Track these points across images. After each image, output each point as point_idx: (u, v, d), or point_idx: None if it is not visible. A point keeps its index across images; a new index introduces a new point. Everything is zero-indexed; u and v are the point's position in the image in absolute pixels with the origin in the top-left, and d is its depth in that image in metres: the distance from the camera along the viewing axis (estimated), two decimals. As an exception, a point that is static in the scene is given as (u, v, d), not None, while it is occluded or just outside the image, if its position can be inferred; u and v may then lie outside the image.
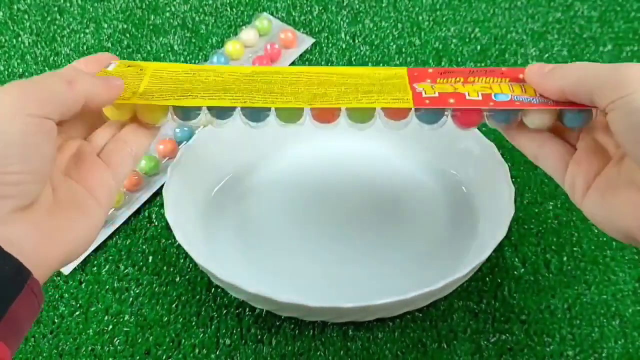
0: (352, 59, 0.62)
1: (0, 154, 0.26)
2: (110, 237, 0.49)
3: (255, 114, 0.36)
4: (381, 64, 0.61)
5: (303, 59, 0.62)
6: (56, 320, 0.45)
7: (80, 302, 0.46)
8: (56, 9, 0.67)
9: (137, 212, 0.51)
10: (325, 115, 0.36)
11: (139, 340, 0.44)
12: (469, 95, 0.35)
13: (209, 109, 0.36)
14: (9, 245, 0.27)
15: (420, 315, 0.45)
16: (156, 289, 0.46)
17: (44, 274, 0.29)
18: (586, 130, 0.34)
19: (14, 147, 0.26)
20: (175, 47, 0.63)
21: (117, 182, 0.34)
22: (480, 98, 0.35)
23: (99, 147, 0.34)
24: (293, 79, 0.37)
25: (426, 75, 0.37)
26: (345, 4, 0.67)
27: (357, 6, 0.67)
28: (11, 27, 0.65)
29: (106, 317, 0.45)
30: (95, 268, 0.47)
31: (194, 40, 0.64)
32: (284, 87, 0.36)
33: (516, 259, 0.47)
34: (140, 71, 0.37)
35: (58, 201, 0.30)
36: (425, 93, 0.35)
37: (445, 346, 0.43)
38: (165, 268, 0.47)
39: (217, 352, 0.43)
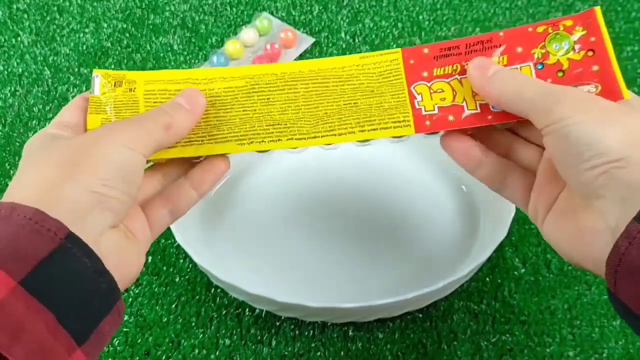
0: (352, 59, 0.62)
1: (109, 173, 0.29)
2: (109, 237, 0.49)
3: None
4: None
5: (303, 59, 0.62)
6: (55, 321, 0.45)
7: (79, 302, 0.46)
8: (55, 8, 0.67)
9: (137, 212, 0.51)
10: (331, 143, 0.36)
11: (139, 341, 0.44)
12: (467, 107, 0.34)
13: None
14: (105, 259, 0.28)
15: (421, 315, 0.45)
16: (156, 290, 0.46)
17: None
18: (545, 154, 0.34)
19: (118, 169, 0.29)
20: (175, 47, 0.63)
21: (153, 236, 0.35)
22: (478, 110, 0.34)
23: (140, 197, 0.35)
24: (291, 92, 0.36)
25: (422, 64, 0.36)
26: (345, 3, 0.67)
27: (357, 5, 0.67)
28: (10, 27, 0.65)
29: (106, 318, 0.45)
30: (94, 268, 0.47)
31: (193, 40, 0.64)
32: (284, 110, 0.36)
33: (517, 260, 0.47)
34: (130, 92, 0.36)
35: (126, 233, 0.32)
36: (425, 110, 0.35)
37: (445, 347, 0.43)
38: (164, 268, 0.47)
39: (217, 353, 0.43)
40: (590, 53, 0.33)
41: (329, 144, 0.35)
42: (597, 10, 0.33)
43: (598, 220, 0.28)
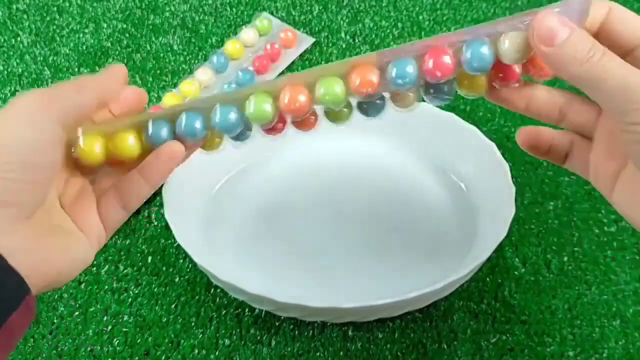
0: (352, 59, 0.62)
1: (8, 158, 0.27)
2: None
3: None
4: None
5: (303, 59, 0.62)
6: (55, 321, 0.45)
7: (79, 302, 0.46)
8: (55, 8, 0.67)
9: (137, 212, 0.50)
10: (305, 125, 0.35)
11: (138, 341, 0.44)
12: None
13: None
14: (11, 256, 0.27)
15: (421, 315, 0.44)
16: (155, 290, 0.46)
17: (33, 291, 0.29)
18: (602, 122, 0.31)
19: (21, 151, 0.27)
20: (175, 47, 0.63)
21: (108, 232, 0.34)
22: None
23: (102, 189, 0.34)
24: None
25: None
26: (345, 3, 0.67)
27: (357, 5, 0.67)
28: (10, 27, 0.65)
29: (105, 318, 0.45)
30: (94, 268, 0.47)
31: (193, 40, 0.64)
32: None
33: (517, 259, 0.47)
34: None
35: (53, 226, 0.31)
36: None
37: (445, 347, 0.43)
38: (164, 268, 0.47)
39: (217, 353, 0.43)
40: None
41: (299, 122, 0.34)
42: None
43: None
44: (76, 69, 0.61)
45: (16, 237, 0.28)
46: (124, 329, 0.44)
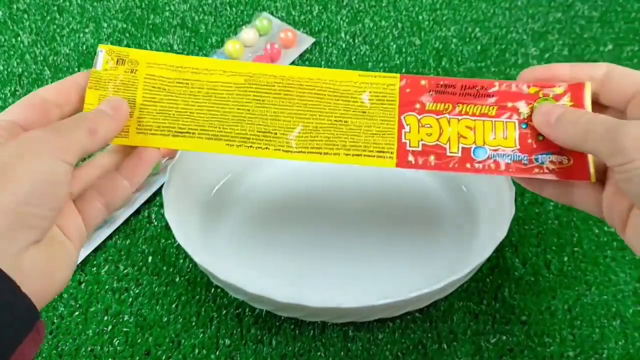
0: (352, 59, 0.62)
1: (32, 190, 0.28)
2: (109, 237, 0.49)
3: None
4: (381, 64, 0.61)
5: (303, 59, 0.62)
6: (55, 321, 0.45)
7: (79, 302, 0.46)
8: (55, 8, 0.67)
9: (137, 212, 0.50)
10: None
11: (139, 341, 0.44)
12: (449, 149, 0.36)
13: None
14: (23, 278, 0.28)
15: (421, 316, 0.45)
16: (156, 289, 0.46)
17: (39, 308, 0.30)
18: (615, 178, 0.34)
19: (42, 184, 0.29)
20: (175, 47, 0.63)
21: (89, 233, 0.35)
22: (459, 155, 0.36)
23: (75, 192, 0.35)
24: (286, 98, 0.36)
25: (417, 95, 0.37)
26: (345, 3, 0.67)
27: (357, 6, 0.67)
28: (10, 27, 0.65)
29: (106, 318, 0.45)
30: (94, 268, 0.47)
31: (193, 40, 0.64)
32: (277, 116, 0.36)
33: (516, 260, 0.47)
34: (131, 73, 0.36)
35: (49, 240, 0.31)
36: (410, 144, 0.36)
37: (445, 347, 0.43)
38: (165, 268, 0.47)
39: (217, 353, 0.43)
40: None
41: (313, 161, 0.36)
42: (587, 85, 0.35)
43: None
44: (76, 69, 0.61)
45: (33, 258, 0.29)
46: (125, 329, 0.44)
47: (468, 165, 0.36)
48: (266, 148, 0.36)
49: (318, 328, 0.44)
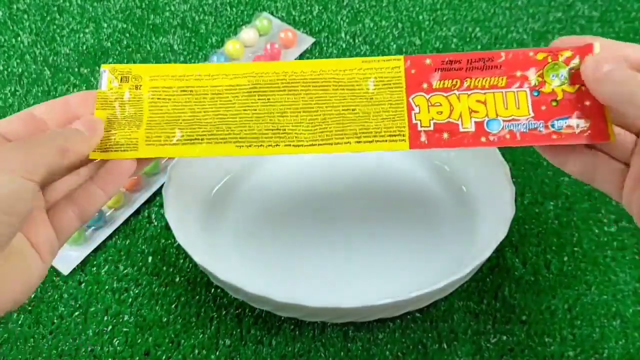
0: (352, 59, 0.62)
1: None
2: (109, 237, 0.49)
3: None
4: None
5: (303, 59, 0.62)
6: (55, 321, 0.45)
7: (79, 302, 0.46)
8: (56, 8, 0.67)
9: (137, 212, 0.50)
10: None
11: (139, 341, 0.44)
12: (462, 125, 0.35)
13: None
14: None
15: (421, 315, 0.44)
16: (156, 290, 0.46)
17: None
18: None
19: (3, 203, 0.28)
20: (175, 47, 0.63)
21: (61, 242, 0.34)
22: (473, 129, 0.35)
23: (50, 200, 0.35)
24: (291, 94, 0.36)
25: (423, 75, 0.36)
26: (345, 3, 0.67)
27: (357, 5, 0.67)
28: (10, 27, 0.65)
29: (105, 318, 0.45)
30: (94, 268, 0.47)
31: (193, 40, 0.64)
32: (284, 113, 0.36)
33: (516, 260, 0.47)
34: (137, 90, 0.36)
35: (9, 250, 0.31)
36: (421, 124, 0.35)
37: (445, 347, 0.43)
38: (164, 268, 0.47)
39: (217, 353, 0.43)
40: (584, 87, 0.34)
41: (325, 153, 0.36)
42: (597, 45, 0.34)
43: None
44: (76, 69, 0.61)
45: None
46: (125, 329, 0.44)
47: (483, 139, 0.35)
48: (277, 145, 0.36)
49: (318, 328, 0.44)
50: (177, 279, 0.47)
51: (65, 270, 0.47)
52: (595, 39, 0.34)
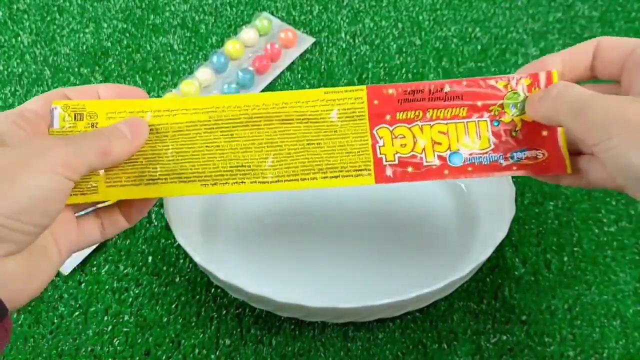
0: (352, 59, 0.62)
1: (24, 205, 0.27)
2: (109, 237, 0.49)
3: None
4: (381, 64, 0.61)
5: (303, 59, 0.62)
6: (55, 321, 0.45)
7: (79, 302, 0.46)
8: (56, 8, 0.67)
9: (137, 212, 0.50)
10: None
11: (139, 341, 0.44)
12: (425, 159, 0.36)
13: None
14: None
15: (421, 315, 0.45)
16: (156, 290, 0.46)
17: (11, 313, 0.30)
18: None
19: (37, 201, 0.28)
20: (175, 47, 0.63)
21: (80, 246, 0.35)
22: (437, 163, 0.36)
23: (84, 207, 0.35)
24: (254, 129, 0.36)
25: (386, 106, 0.36)
26: (345, 3, 0.67)
27: (357, 5, 0.67)
28: (10, 27, 0.65)
29: (106, 318, 0.45)
30: (94, 268, 0.47)
31: (193, 40, 0.64)
32: (248, 148, 0.36)
33: (516, 259, 0.47)
34: (92, 128, 0.35)
35: (38, 247, 0.31)
36: (386, 159, 0.36)
37: (445, 347, 0.43)
38: (165, 268, 0.47)
39: (217, 353, 0.43)
40: None
41: (291, 189, 0.36)
42: (555, 74, 0.35)
43: None
44: (76, 69, 0.61)
45: (6, 267, 0.28)
46: (125, 329, 0.44)
47: (446, 172, 0.36)
48: (242, 182, 0.35)
49: (318, 328, 0.44)
50: (177, 279, 0.47)
51: (65, 270, 0.47)
52: (552, 58, 0.35)
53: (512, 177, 0.45)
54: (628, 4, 0.66)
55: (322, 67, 0.61)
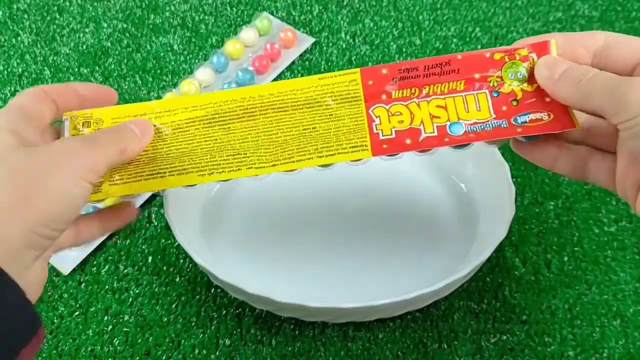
0: (352, 59, 0.62)
1: (52, 212, 0.28)
2: (109, 237, 0.49)
3: None
4: (381, 64, 0.61)
5: (303, 59, 0.62)
6: (55, 321, 0.45)
7: (79, 302, 0.46)
8: (56, 8, 0.67)
9: (137, 212, 0.50)
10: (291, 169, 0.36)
11: (139, 341, 0.44)
12: (424, 130, 0.35)
13: None
14: (26, 289, 0.28)
15: (421, 315, 0.44)
16: (156, 289, 0.46)
17: None
18: (621, 138, 0.33)
19: (63, 207, 0.29)
20: (175, 47, 0.63)
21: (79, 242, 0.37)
22: (435, 134, 0.35)
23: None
24: (250, 120, 0.36)
25: (381, 85, 0.36)
26: (345, 3, 0.67)
27: (357, 5, 0.67)
28: (10, 27, 0.65)
29: (106, 318, 0.45)
30: (94, 268, 0.47)
31: (193, 40, 0.64)
32: (244, 139, 0.36)
33: (517, 259, 0.47)
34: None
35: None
36: (383, 134, 0.35)
37: (446, 347, 0.43)
38: (165, 268, 0.47)
39: (217, 353, 0.43)
40: None
41: (288, 170, 0.36)
42: (553, 43, 0.34)
43: None
44: (76, 69, 0.61)
45: (33, 272, 0.29)
46: (125, 329, 0.44)
47: (447, 139, 0.35)
48: (238, 169, 0.36)
49: (318, 328, 0.44)
50: (177, 279, 0.47)
51: (65, 270, 0.47)
52: (552, 35, 0.34)
53: (512, 177, 0.45)
54: (628, 4, 0.66)
55: (322, 67, 0.61)
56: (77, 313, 0.45)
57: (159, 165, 0.36)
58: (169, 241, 0.49)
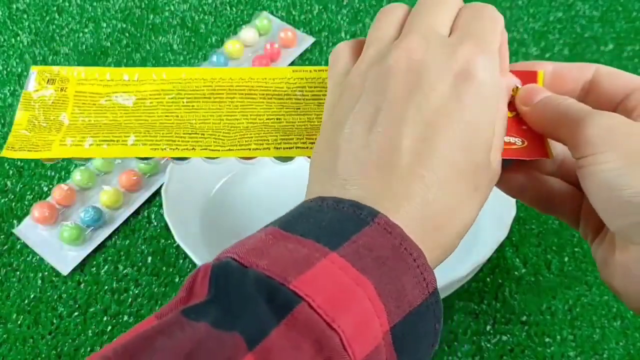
0: (352, 59, 0.62)
1: None
2: (109, 237, 0.49)
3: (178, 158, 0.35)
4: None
5: (303, 59, 0.62)
6: (55, 321, 0.45)
7: (79, 302, 0.46)
8: (55, 8, 0.67)
9: (136, 212, 0.50)
10: (246, 157, 0.35)
11: (138, 341, 0.44)
12: None
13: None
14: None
15: (421, 316, 0.44)
16: (155, 290, 0.46)
17: None
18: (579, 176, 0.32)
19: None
20: (175, 47, 0.63)
21: None
22: None
23: None
24: (216, 102, 0.36)
25: None
26: (345, 3, 0.67)
27: (357, 5, 0.67)
28: (10, 27, 0.65)
29: (105, 318, 0.45)
30: (94, 268, 0.47)
31: (193, 40, 0.64)
32: (206, 120, 0.35)
33: (517, 260, 0.47)
34: (62, 92, 0.36)
35: None
36: None
37: (446, 347, 0.43)
38: (164, 268, 0.47)
39: (217, 353, 0.43)
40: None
41: (242, 157, 0.35)
42: (540, 74, 0.33)
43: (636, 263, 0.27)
44: (76, 69, 0.61)
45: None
46: (124, 329, 0.44)
47: None
48: (192, 149, 0.34)
49: (318, 328, 0.44)
50: (177, 279, 0.47)
51: (64, 270, 0.47)
52: (542, 64, 0.34)
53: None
54: (629, 4, 0.66)
55: (322, 67, 0.61)
56: (76, 313, 0.45)
57: (113, 132, 0.35)
58: (169, 241, 0.49)
